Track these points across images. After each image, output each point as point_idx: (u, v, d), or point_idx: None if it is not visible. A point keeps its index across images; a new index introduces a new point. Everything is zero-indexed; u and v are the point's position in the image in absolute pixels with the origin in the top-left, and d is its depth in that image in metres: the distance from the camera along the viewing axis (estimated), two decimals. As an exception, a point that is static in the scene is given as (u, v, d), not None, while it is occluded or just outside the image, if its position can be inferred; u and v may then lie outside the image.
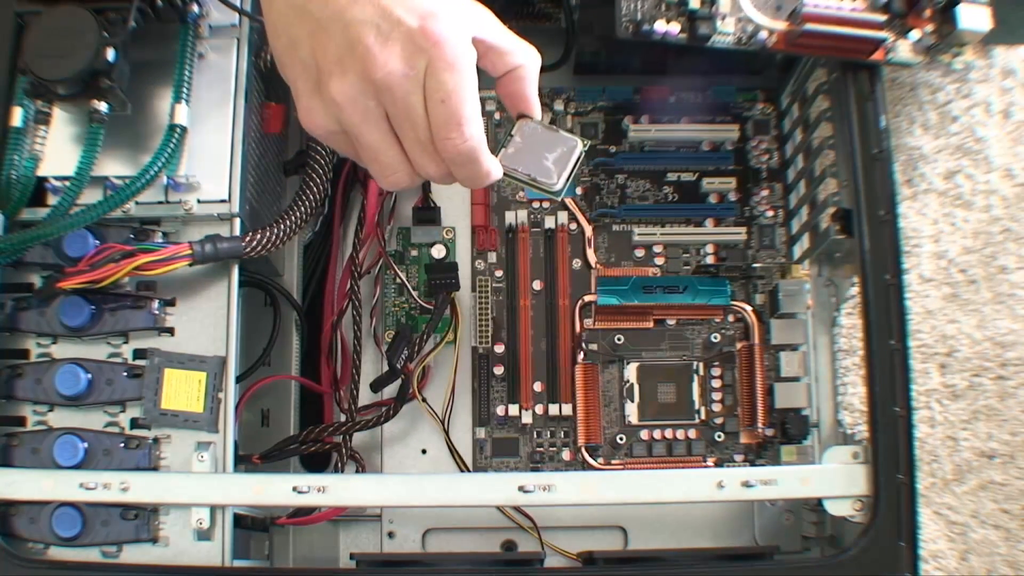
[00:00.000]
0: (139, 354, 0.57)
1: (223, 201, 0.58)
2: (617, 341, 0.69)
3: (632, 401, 0.68)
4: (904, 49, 0.60)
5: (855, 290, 0.62)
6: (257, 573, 0.62)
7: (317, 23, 0.46)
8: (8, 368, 0.57)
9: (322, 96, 0.47)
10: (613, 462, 0.68)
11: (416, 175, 0.49)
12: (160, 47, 0.58)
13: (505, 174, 0.51)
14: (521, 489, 0.55)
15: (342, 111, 0.47)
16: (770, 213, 0.71)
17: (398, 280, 0.70)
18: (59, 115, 0.57)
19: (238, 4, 0.59)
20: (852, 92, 0.59)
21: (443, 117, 0.46)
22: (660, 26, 0.58)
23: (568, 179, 0.52)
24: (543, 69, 0.70)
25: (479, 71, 0.48)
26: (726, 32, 0.58)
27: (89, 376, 0.56)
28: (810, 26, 0.57)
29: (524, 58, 0.50)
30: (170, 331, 0.57)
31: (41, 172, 0.56)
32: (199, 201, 0.57)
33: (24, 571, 0.53)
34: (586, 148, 0.52)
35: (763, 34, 0.58)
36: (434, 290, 0.68)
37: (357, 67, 0.45)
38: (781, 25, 0.58)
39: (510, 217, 0.71)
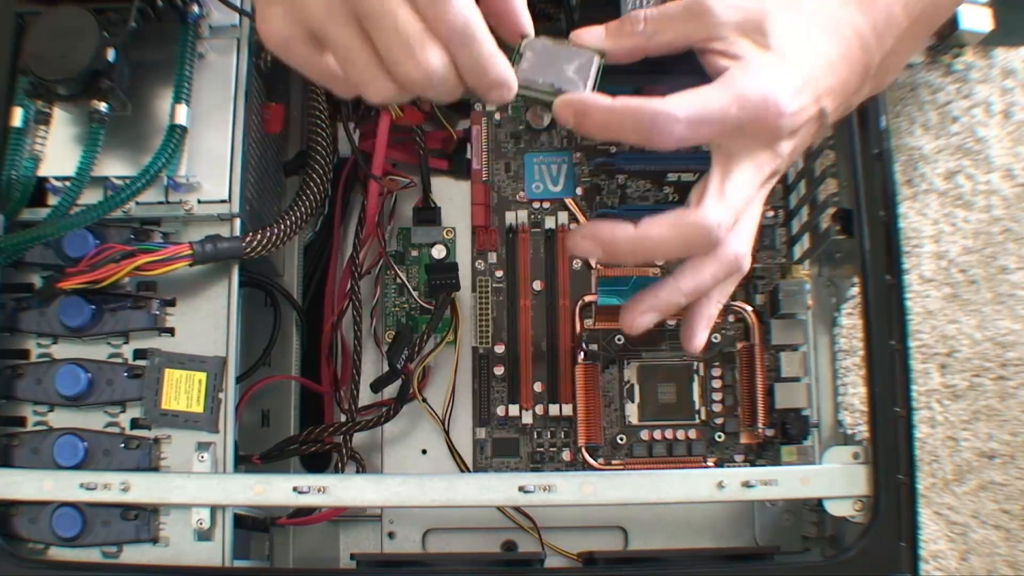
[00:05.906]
0: (139, 354, 0.57)
1: (223, 201, 0.58)
2: (617, 341, 0.69)
3: (632, 401, 0.68)
4: (905, 49, 0.60)
5: (855, 290, 0.62)
6: (257, 573, 0.62)
7: None
8: (8, 368, 0.57)
9: None
10: (613, 462, 0.68)
11: (394, 80, 0.43)
12: (160, 47, 0.58)
13: (523, 88, 0.46)
14: (521, 489, 0.55)
15: (305, 5, 0.42)
16: (770, 213, 0.71)
17: (398, 280, 0.70)
18: (59, 115, 0.57)
19: (238, 4, 0.59)
20: (852, 92, 0.59)
21: None
22: None
23: (594, 87, 0.47)
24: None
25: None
26: None
27: (89, 376, 0.56)
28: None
29: None
30: (170, 331, 0.58)
31: (41, 172, 0.56)
32: (199, 201, 0.58)
33: (24, 571, 0.53)
34: (604, 60, 0.48)
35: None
36: (434, 290, 0.68)
37: None
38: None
39: (510, 217, 0.71)
